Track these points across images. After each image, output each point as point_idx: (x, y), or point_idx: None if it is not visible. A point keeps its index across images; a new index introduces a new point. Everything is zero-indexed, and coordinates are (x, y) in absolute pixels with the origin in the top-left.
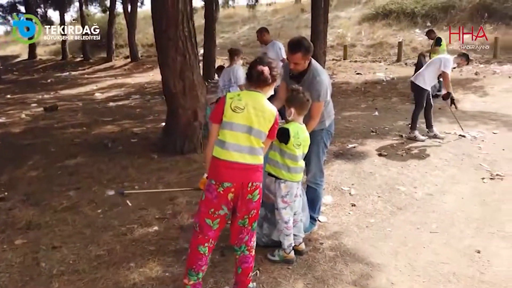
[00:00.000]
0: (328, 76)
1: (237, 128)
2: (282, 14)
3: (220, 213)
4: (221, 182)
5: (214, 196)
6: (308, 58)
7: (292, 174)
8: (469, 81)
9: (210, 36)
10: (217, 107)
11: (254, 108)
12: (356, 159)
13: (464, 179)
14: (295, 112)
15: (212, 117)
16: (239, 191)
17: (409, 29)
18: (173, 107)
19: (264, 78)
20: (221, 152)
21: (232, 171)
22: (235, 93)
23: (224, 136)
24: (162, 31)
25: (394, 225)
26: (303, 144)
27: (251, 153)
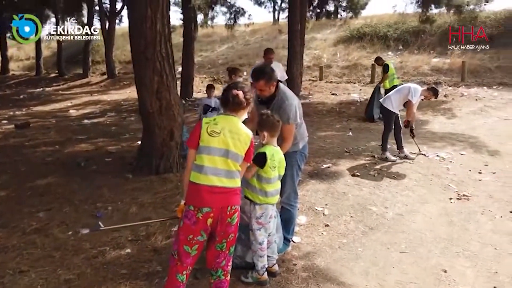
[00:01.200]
0: (297, 99)
1: (215, 152)
2: (260, 34)
3: (198, 239)
4: (200, 208)
5: (193, 222)
6: (272, 84)
7: (268, 198)
8: (439, 103)
9: (189, 54)
10: (193, 132)
11: (230, 132)
12: (330, 179)
13: (432, 199)
14: (268, 135)
15: (189, 142)
16: (218, 215)
17: (382, 51)
18: (149, 127)
19: (239, 101)
20: (199, 176)
21: (211, 195)
22: (211, 118)
23: (202, 160)
24: (140, 51)
25: (366, 245)
26: (279, 165)
27: (229, 177)
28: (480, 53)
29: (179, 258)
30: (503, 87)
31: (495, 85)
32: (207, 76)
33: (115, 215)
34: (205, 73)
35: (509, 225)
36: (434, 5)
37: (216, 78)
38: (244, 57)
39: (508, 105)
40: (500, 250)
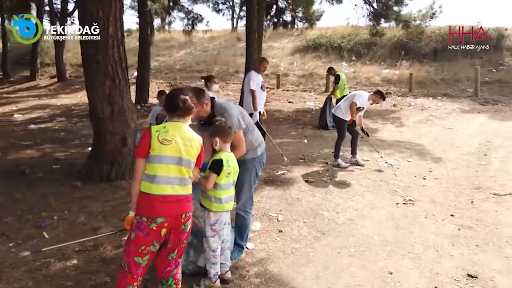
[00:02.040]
0: (238, 107)
1: (168, 160)
2: (218, 41)
3: (150, 249)
4: (154, 218)
5: (146, 233)
6: (204, 102)
7: (223, 204)
8: (388, 112)
9: (144, 59)
10: (142, 140)
11: (181, 138)
12: (284, 185)
13: (381, 204)
14: (220, 141)
15: (137, 152)
16: (172, 224)
17: (337, 61)
18: (100, 132)
19: (189, 106)
20: (152, 186)
21: (165, 205)
22: (160, 125)
23: (154, 170)
24: (91, 54)
25: (317, 250)
26: (233, 172)
27: (182, 184)
28: (426, 65)
29: (129, 270)
30: (446, 98)
31: (440, 96)
32: (164, 81)
33: (61, 225)
34: (162, 78)
35: (450, 228)
36: (384, 19)
37: (173, 83)
38: (202, 63)
39: (451, 115)
40: (441, 252)
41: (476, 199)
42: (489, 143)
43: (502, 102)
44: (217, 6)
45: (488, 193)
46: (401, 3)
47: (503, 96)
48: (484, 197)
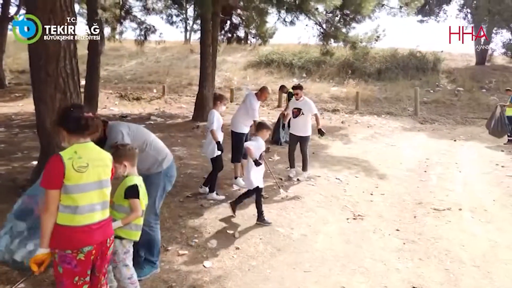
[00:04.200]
0: (125, 124)
1: (88, 187)
2: (171, 52)
3: (86, 279)
4: (80, 249)
5: (74, 265)
6: None
7: (138, 232)
8: (337, 129)
9: (94, 68)
10: (52, 171)
11: (95, 160)
12: None
13: (332, 219)
14: (129, 165)
15: (50, 184)
16: (99, 250)
17: (288, 78)
18: (48, 147)
19: (96, 123)
20: (74, 218)
21: (90, 233)
22: (69, 151)
23: (75, 200)
24: (40, 65)
25: (273, 267)
26: (145, 195)
27: (104, 208)
28: (371, 84)
29: None
30: (390, 116)
31: (384, 114)
32: (114, 92)
33: None
34: (112, 88)
35: (396, 242)
36: (333, 39)
37: (123, 94)
38: (154, 74)
39: (394, 133)
40: (389, 266)
41: (418, 214)
42: (428, 160)
43: (439, 121)
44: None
45: (429, 208)
46: (349, 25)
47: (440, 116)
48: (425, 212)
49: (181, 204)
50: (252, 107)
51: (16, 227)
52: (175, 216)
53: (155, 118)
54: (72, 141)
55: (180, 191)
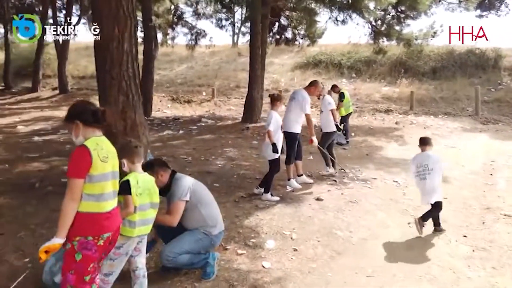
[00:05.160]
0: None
1: (108, 176)
2: (219, 56)
3: (96, 264)
4: (101, 235)
5: (94, 251)
6: (158, 173)
7: (136, 228)
8: (391, 130)
9: (148, 73)
10: (81, 160)
11: (111, 152)
12: (295, 203)
13: (392, 223)
14: (128, 162)
15: (78, 173)
16: (114, 236)
17: (337, 78)
18: None
19: (108, 117)
20: (100, 205)
21: (110, 220)
22: (91, 142)
23: (100, 188)
24: (105, 70)
25: (334, 270)
26: (147, 192)
27: (115, 196)
28: (426, 84)
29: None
30: (447, 117)
31: (441, 115)
32: (166, 95)
33: None
34: (164, 92)
35: (464, 249)
36: (385, 38)
37: (175, 97)
38: (203, 77)
39: (453, 133)
40: (459, 274)
41: (487, 220)
42: (494, 163)
43: (502, 121)
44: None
45: (498, 214)
46: (404, 22)
47: (503, 116)
48: (494, 218)
49: (236, 204)
50: (306, 101)
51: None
52: (231, 216)
53: (206, 120)
54: (89, 135)
55: (235, 191)
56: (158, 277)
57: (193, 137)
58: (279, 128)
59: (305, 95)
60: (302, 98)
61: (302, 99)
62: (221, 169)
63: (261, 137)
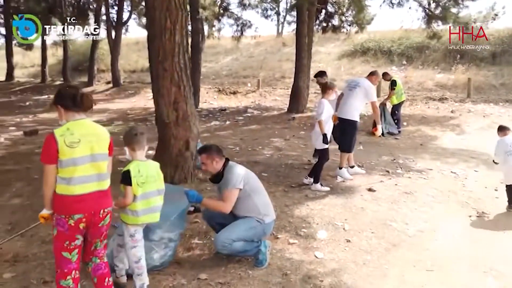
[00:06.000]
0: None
1: (81, 161)
2: (264, 46)
3: (76, 244)
4: (70, 215)
5: (66, 229)
6: (213, 159)
7: (139, 217)
8: (446, 118)
9: (196, 65)
10: (47, 147)
11: (87, 136)
12: (346, 193)
13: (452, 216)
14: (129, 149)
15: (46, 159)
16: (90, 219)
17: (386, 66)
18: (165, 137)
19: (91, 100)
20: (68, 188)
21: (82, 203)
22: (62, 128)
23: (69, 173)
24: (158, 62)
25: (391, 262)
26: (149, 180)
27: (99, 180)
28: (484, 69)
29: (58, 265)
30: (509, 104)
31: (502, 102)
32: (212, 87)
33: None
34: (210, 84)
35: None
36: (440, 21)
37: (221, 89)
38: (249, 68)
39: None
40: None
41: None
42: None
43: None
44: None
45: None
46: (461, 4)
47: None
48: None
49: (286, 194)
50: (372, 89)
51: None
52: (281, 205)
53: (252, 111)
54: (69, 118)
55: (283, 180)
56: (212, 264)
57: (240, 127)
58: (330, 118)
59: (370, 83)
60: (368, 85)
61: (369, 87)
62: (268, 159)
63: (309, 127)
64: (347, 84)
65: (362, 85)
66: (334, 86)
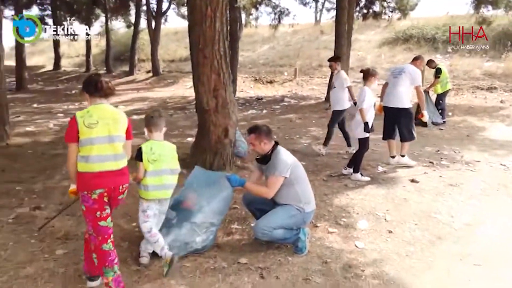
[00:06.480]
0: (293, 158)
1: (98, 141)
2: (301, 35)
3: (107, 212)
4: (92, 190)
5: (91, 203)
6: (262, 140)
7: (149, 192)
8: (496, 109)
9: (233, 54)
10: (69, 128)
11: (105, 119)
12: (388, 184)
13: (502, 209)
14: (147, 130)
15: (67, 139)
16: (111, 193)
17: (430, 54)
18: (204, 124)
19: (111, 87)
20: (86, 166)
21: (101, 179)
22: (84, 111)
23: (87, 151)
24: (199, 49)
25: (436, 255)
26: (161, 158)
27: (116, 159)
28: None
29: (98, 234)
30: None
31: None
32: (248, 76)
33: None
34: (246, 73)
35: None
36: (490, 6)
37: (257, 78)
38: (285, 57)
39: None
40: None
41: None
42: None
43: None
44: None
45: None
46: None
47: None
48: None
49: (325, 183)
50: (417, 73)
51: (168, 215)
52: (320, 194)
53: (289, 100)
54: (93, 103)
55: (322, 169)
56: (251, 249)
57: (277, 116)
58: (372, 106)
59: (415, 68)
60: (413, 71)
61: (414, 71)
62: (306, 147)
63: (348, 116)
64: (390, 72)
65: (407, 70)
66: (376, 73)
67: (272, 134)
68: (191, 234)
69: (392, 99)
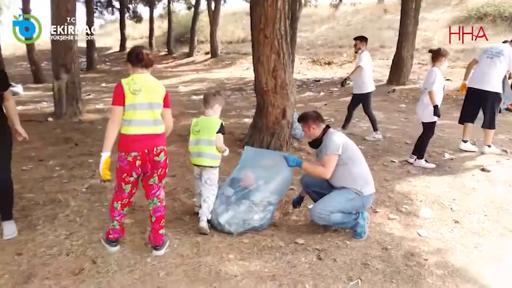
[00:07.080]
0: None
1: (140, 106)
2: (363, 14)
3: (130, 179)
4: (129, 152)
5: (125, 164)
6: (310, 126)
7: (191, 158)
8: None
9: (292, 35)
10: (116, 92)
11: (147, 87)
12: (454, 172)
13: None
14: (203, 106)
15: (115, 101)
16: (145, 157)
17: (507, 34)
18: (263, 104)
19: (151, 59)
20: (128, 128)
21: (137, 142)
22: (128, 78)
23: (130, 115)
24: (260, 28)
25: (508, 249)
26: (202, 131)
27: (155, 124)
28: None
29: (118, 190)
30: None
31: None
32: (306, 57)
33: None
34: (304, 54)
35: None
36: None
37: (315, 59)
38: (345, 38)
39: None
40: None
41: None
42: None
43: None
44: None
45: None
46: None
47: None
48: None
49: (385, 168)
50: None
51: (226, 192)
52: (380, 179)
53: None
54: (135, 72)
55: (382, 155)
56: (308, 230)
57: (335, 99)
58: (442, 89)
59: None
60: (510, 54)
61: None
62: (365, 131)
63: (411, 100)
64: (483, 51)
65: (506, 53)
66: (447, 53)
67: (322, 118)
68: (249, 211)
69: (482, 81)
